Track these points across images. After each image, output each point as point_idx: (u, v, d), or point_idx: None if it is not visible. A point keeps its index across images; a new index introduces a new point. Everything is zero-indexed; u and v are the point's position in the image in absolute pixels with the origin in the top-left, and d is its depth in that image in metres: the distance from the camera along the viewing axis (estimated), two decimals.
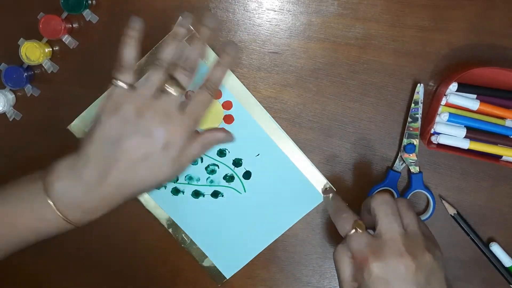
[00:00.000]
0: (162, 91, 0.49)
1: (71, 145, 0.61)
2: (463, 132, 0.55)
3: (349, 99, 0.60)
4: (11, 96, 0.61)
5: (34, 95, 0.61)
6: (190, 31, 0.54)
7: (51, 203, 0.48)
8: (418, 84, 0.57)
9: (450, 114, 0.56)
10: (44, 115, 0.62)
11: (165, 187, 0.63)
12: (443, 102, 0.56)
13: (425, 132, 0.57)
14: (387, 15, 0.58)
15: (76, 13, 0.58)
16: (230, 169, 0.62)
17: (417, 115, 0.58)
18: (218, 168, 0.62)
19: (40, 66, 0.60)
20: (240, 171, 0.62)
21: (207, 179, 0.62)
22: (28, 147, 0.62)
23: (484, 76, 0.56)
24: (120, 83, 0.49)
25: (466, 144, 0.56)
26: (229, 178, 0.62)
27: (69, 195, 0.48)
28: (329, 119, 0.60)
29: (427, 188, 0.60)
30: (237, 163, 0.62)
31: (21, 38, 0.59)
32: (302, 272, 0.62)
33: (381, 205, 0.48)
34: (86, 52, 0.61)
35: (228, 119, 0.61)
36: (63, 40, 0.60)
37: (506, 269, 0.60)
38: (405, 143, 0.59)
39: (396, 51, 0.59)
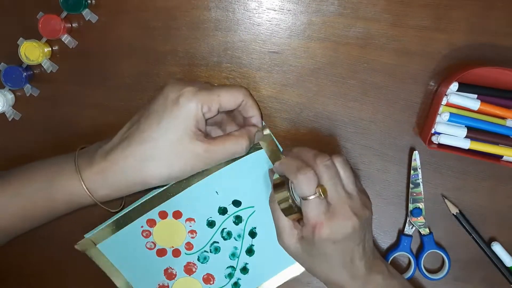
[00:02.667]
0: None
1: (71, 145, 0.62)
2: (463, 132, 0.55)
3: (349, 99, 0.60)
4: (10, 96, 0.60)
5: (33, 95, 0.61)
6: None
7: (81, 181, 0.50)
8: (414, 152, 0.59)
9: (451, 114, 0.55)
10: (43, 115, 0.62)
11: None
12: (444, 102, 0.56)
13: (426, 132, 0.57)
14: (388, 15, 0.58)
15: (75, 12, 0.58)
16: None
17: (418, 181, 0.59)
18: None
19: (39, 66, 0.60)
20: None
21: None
22: (27, 147, 0.62)
23: (485, 76, 0.56)
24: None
25: (466, 144, 0.56)
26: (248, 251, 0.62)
27: (91, 160, 0.50)
28: (329, 119, 0.60)
29: (440, 247, 0.60)
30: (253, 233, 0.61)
31: (21, 38, 0.58)
32: (302, 272, 0.62)
33: (325, 170, 0.49)
34: (86, 52, 0.61)
35: None
36: (63, 39, 0.60)
37: (507, 268, 0.59)
38: (411, 208, 0.60)
39: (396, 51, 0.59)
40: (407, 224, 0.61)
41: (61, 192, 0.50)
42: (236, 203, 0.60)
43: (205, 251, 0.61)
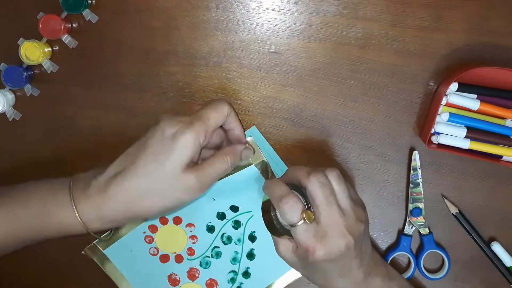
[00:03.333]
0: None
1: (71, 145, 0.62)
2: (463, 132, 0.55)
3: (349, 99, 0.60)
4: (10, 96, 0.61)
5: (33, 95, 0.61)
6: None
7: (76, 213, 0.49)
8: (414, 152, 0.59)
9: (451, 114, 0.55)
10: (43, 115, 0.62)
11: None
12: (444, 102, 0.56)
13: (426, 132, 0.57)
14: (388, 15, 0.58)
15: (75, 12, 0.58)
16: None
17: (417, 181, 0.59)
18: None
19: (39, 66, 0.60)
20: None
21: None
22: (28, 147, 0.62)
23: (485, 76, 0.56)
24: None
25: (466, 144, 0.56)
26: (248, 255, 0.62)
27: (85, 190, 0.50)
28: (329, 119, 0.60)
29: (439, 247, 0.60)
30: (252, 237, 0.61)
31: (21, 38, 0.58)
32: None
33: (318, 189, 0.48)
34: (86, 52, 0.61)
35: None
36: (63, 40, 0.60)
37: (507, 268, 0.59)
38: (411, 208, 0.60)
39: (396, 51, 0.59)
40: (406, 224, 0.61)
41: (54, 221, 0.50)
42: (234, 208, 0.60)
43: (206, 256, 0.61)
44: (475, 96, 0.56)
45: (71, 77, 0.61)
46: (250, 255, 0.61)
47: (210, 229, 0.61)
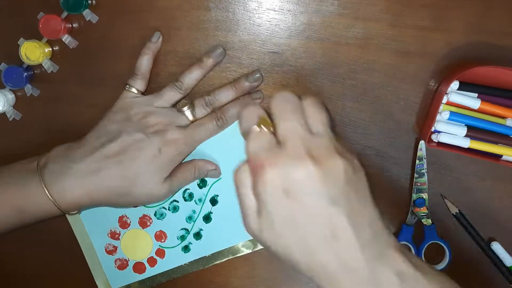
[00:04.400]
0: (177, 110, 0.54)
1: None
2: (463, 130, 0.55)
3: (349, 99, 0.60)
4: (11, 96, 0.61)
5: (34, 95, 0.61)
6: (216, 62, 0.58)
7: (42, 184, 0.50)
8: (421, 141, 0.58)
9: (451, 112, 0.55)
10: (44, 115, 0.62)
11: None
12: (444, 100, 0.56)
13: (426, 131, 0.57)
14: (387, 15, 0.58)
15: (76, 13, 0.58)
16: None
17: (422, 171, 0.59)
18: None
19: (40, 66, 0.60)
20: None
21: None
22: (28, 147, 0.62)
23: (486, 75, 0.56)
24: (133, 89, 0.54)
25: (466, 143, 0.56)
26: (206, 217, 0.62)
27: (60, 178, 0.50)
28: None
29: (441, 239, 0.60)
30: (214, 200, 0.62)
31: (21, 38, 0.59)
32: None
33: (279, 104, 0.40)
34: (86, 52, 0.61)
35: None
36: (63, 40, 0.60)
37: (507, 268, 0.59)
38: (414, 198, 0.60)
39: (396, 51, 0.59)
40: (409, 214, 0.60)
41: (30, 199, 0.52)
42: None
43: (163, 207, 0.61)
44: (476, 95, 0.56)
45: (71, 77, 0.61)
46: (207, 218, 0.61)
47: None
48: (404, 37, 0.58)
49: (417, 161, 0.59)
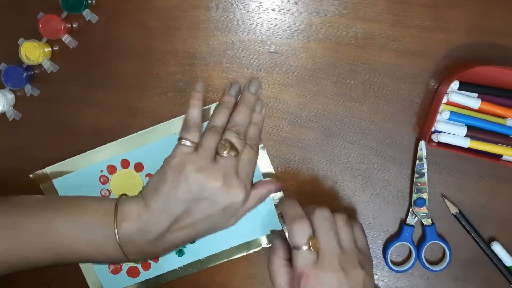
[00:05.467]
0: (217, 153, 0.54)
1: (71, 145, 0.62)
2: (463, 130, 0.55)
3: (349, 99, 0.60)
4: (10, 96, 0.61)
5: (33, 95, 0.61)
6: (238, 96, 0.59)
7: (118, 242, 0.51)
8: (421, 141, 0.58)
9: (451, 112, 0.55)
10: (44, 115, 0.62)
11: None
12: (445, 100, 0.56)
13: (426, 131, 0.57)
14: (388, 15, 0.58)
15: (76, 13, 0.58)
16: None
17: (423, 171, 0.59)
18: None
19: (39, 66, 0.60)
20: None
21: None
22: (28, 147, 0.62)
23: (486, 75, 0.56)
24: (188, 142, 0.53)
25: (466, 143, 0.56)
26: None
27: (133, 240, 0.52)
28: (329, 119, 0.60)
29: (442, 239, 0.60)
30: None
31: (21, 38, 0.59)
32: None
33: (322, 221, 0.50)
34: (86, 52, 0.61)
35: None
36: (63, 40, 0.60)
37: (507, 268, 0.59)
38: (414, 198, 0.60)
39: (396, 51, 0.59)
40: (409, 214, 0.60)
41: (91, 236, 0.52)
42: None
43: None
44: (476, 95, 0.56)
45: (71, 77, 0.61)
46: None
47: None
48: (404, 37, 0.58)
49: (417, 161, 0.59)
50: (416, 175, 0.59)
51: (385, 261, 0.61)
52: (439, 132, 0.56)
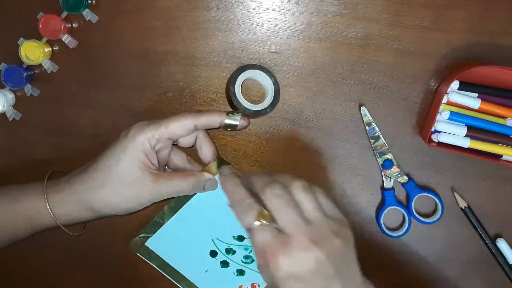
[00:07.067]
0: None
1: (71, 145, 0.62)
2: (463, 130, 0.55)
3: (349, 99, 0.60)
4: (10, 96, 0.61)
5: (33, 95, 0.61)
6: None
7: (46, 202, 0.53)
8: (362, 108, 0.59)
9: (451, 112, 0.55)
10: (44, 115, 0.62)
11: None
12: (444, 100, 0.56)
13: (426, 131, 0.57)
14: (387, 15, 0.58)
15: (76, 12, 0.58)
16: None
17: (376, 134, 0.59)
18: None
19: (39, 66, 0.60)
20: None
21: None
22: (27, 147, 0.62)
23: (486, 75, 0.56)
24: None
25: (466, 143, 0.56)
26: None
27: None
28: (329, 119, 0.60)
29: (425, 189, 0.60)
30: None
31: (21, 38, 0.58)
32: None
33: (274, 201, 0.44)
34: (86, 52, 0.61)
35: None
36: (63, 40, 0.60)
37: (510, 266, 0.59)
38: (381, 162, 0.60)
39: (396, 51, 0.59)
40: (384, 179, 0.60)
41: (25, 214, 0.53)
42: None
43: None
44: (476, 95, 0.56)
45: (71, 77, 0.61)
46: None
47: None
48: (404, 37, 0.58)
49: (366, 128, 0.59)
50: (372, 140, 0.59)
51: (382, 231, 0.61)
52: (439, 132, 0.56)
